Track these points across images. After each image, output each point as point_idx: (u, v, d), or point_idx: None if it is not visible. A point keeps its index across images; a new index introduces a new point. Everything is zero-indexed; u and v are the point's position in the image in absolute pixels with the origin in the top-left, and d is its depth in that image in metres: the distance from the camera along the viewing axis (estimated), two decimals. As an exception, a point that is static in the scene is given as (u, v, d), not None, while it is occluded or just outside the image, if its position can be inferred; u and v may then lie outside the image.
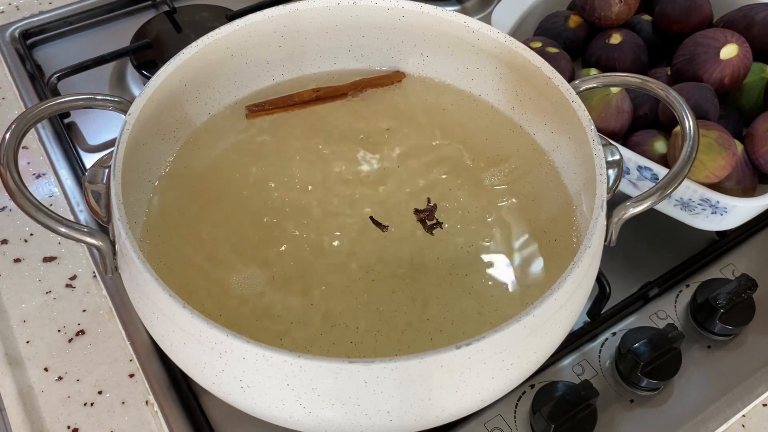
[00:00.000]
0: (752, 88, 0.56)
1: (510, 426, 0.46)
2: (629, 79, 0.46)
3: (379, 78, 0.54)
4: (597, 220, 0.39)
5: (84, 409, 0.47)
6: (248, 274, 0.44)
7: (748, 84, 0.56)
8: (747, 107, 0.56)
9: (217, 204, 0.48)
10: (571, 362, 0.49)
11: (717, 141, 0.49)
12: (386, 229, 0.46)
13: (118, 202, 0.39)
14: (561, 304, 0.37)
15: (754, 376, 0.50)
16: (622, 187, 0.53)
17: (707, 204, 0.49)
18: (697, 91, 0.53)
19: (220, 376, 0.36)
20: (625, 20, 0.60)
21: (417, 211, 0.47)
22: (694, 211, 0.51)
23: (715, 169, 0.49)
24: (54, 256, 0.55)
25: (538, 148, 0.51)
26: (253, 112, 0.52)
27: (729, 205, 0.49)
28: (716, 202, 0.49)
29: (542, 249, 0.46)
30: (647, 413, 0.47)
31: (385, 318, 0.43)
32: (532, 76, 0.48)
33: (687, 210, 0.51)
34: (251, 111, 0.52)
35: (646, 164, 0.51)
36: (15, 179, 0.39)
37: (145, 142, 0.46)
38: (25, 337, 0.51)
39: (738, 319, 0.50)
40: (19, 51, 0.70)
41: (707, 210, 0.50)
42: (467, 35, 0.50)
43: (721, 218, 0.50)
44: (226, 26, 0.49)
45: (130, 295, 0.41)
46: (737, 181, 0.51)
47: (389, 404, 0.35)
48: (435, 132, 0.52)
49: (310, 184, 0.49)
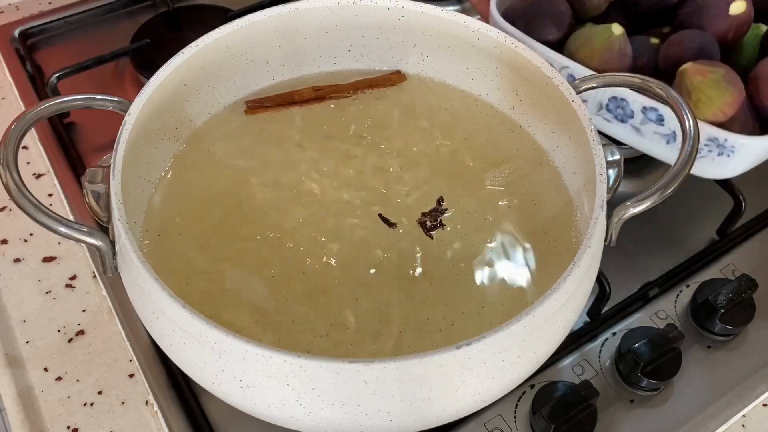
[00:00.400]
0: (748, 44, 0.56)
1: (510, 426, 0.46)
2: (629, 79, 0.46)
3: (380, 79, 0.54)
4: (597, 220, 0.39)
5: (84, 409, 0.47)
6: (248, 274, 0.44)
7: (745, 41, 0.56)
8: (742, 64, 0.56)
9: (217, 204, 0.48)
10: (571, 362, 0.49)
11: (724, 78, 0.49)
12: (394, 227, 0.46)
13: (118, 202, 0.39)
14: (561, 304, 0.37)
15: (754, 376, 0.50)
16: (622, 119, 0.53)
17: (714, 144, 0.49)
18: (701, 37, 0.53)
19: (220, 376, 0.36)
20: None
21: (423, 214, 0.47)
22: (700, 154, 0.50)
23: (723, 105, 0.48)
24: (54, 256, 0.55)
25: (538, 148, 0.51)
26: (252, 108, 0.52)
27: (737, 144, 0.48)
28: (724, 140, 0.48)
29: (542, 249, 0.46)
30: (647, 413, 0.47)
31: (385, 318, 0.42)
32: (532, 75, 0.48)
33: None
34: (250, 107, 0.52)
35: (651, 105, 0.50)
36: (15, 179, 0.39)
37: (145, 142, 0.46)
38: (25, 337, 0.51)
39: (738, 319, 0.50)
40: (18, 51, 0.70)
41: (713, 152, 0.49)
42: (467, 35, 0.50)
43: (727, 161, 0.49)
44: (226, 26, 0.49)
45: (130, 295, 0.41)
46: (741, 126, 0.51)
47: (389, 404, 0.35)
48: (435, 132, 0.52)
49: (310, 184, 0.49)
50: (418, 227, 0.47)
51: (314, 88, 0.53)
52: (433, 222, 0.47)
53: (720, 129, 0.49)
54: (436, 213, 0.47)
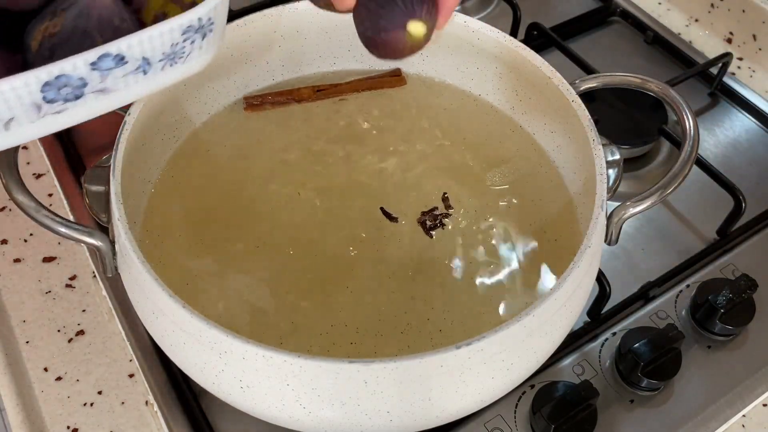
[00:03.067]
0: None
1: (510, 426, 0.46)
2: (629, 79, 0.46)
3: (380, 81, 0.54)
4: (597, 220, 0.39)
5: (84, 409, 0.47)
6: (248, 273, 0.44)
7: None
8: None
9: (217, 204, 0.48)
10: (571, 362, 0.49)
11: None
12: (396, 221, 0.46)
13: (118, 202, 0.39)
14: (561, 304, 0.37)
15: (754, 376, 0.50)
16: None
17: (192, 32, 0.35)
18: None
19: (220, 376, 0.36)
20: None
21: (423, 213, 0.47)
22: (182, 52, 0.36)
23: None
24: (54, 256, 0.55)
25: (538, 148, 0.51)
26: (251, 105, 0.52)
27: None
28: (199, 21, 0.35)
29: (542, 249, 0.46)
30: (647, 413, 0.47)
31: (385, 318, 0.43)
32: (532, 75, 0.48)
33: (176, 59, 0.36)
34: (249, 104, 0.52)
35: (98, 54, 0.33)
36: (15, 179, 0.39)
37: (145, 142, 0.46)
38: (25, 337, 0.51)
39: (738, 319, 0.50)
40: (18, 51, 0.70)
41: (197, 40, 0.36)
42: (467, 35, 0.50)
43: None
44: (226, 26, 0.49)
45: (130, 295, 0.41)
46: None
47: (389, 404, 0.35)
48: (435, 132, 0.52)
49: (310, 183, 0.49)
50: (419, 227, 0.47)
51: (314, 87, 0.53)
52: (433, 221, 0.47)
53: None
54: (436, 212, 0.47)
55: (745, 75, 0.71)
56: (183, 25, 0.35)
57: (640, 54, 0.72)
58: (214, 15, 0.36)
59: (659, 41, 0.72)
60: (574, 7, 0.76)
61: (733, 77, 0.69)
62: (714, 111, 0.67)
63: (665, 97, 0.45)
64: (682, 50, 0.71)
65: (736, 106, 0.67)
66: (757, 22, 0.70)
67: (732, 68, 0.70)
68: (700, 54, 0.72)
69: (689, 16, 0.76)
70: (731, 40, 0.73)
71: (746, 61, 0.72)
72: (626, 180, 0.61)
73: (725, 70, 0.67)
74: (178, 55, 0.36)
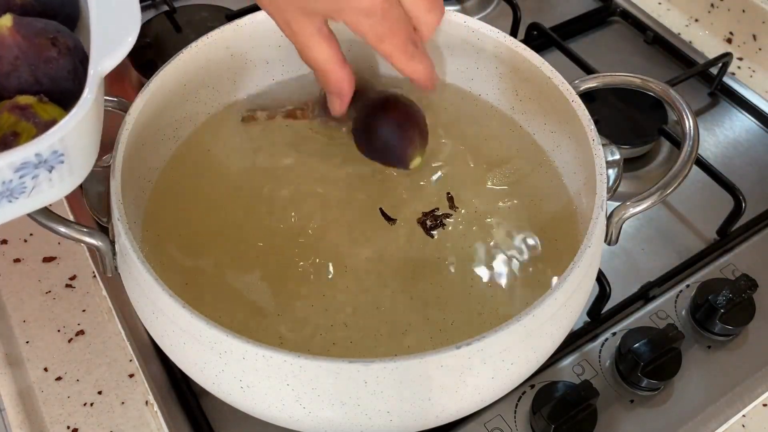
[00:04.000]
0: None
1: (510, 426, 0.46)
2: (630, 79, 0.46)
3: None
4: (597, 220, 0.39)
5: (84, 409, 0.47)
6: (248, 273, 0.44)
7: None
8: None
9: (217, 204, 0.47)
10: (571, 362, 0.49)
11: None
12: (394, 222, 0.46)
13: (117, 202, 0.39)
14: (561, 304, 0.37)
15: (754, 376, 0.50)
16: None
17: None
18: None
19: (220, 376, 0.36)
20: None
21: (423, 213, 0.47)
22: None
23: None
24: (54, 256, 0.55)
25: (538, 148, 0.51)
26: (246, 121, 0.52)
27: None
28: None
29: (542, 249, 0.46)
30: (647, 413, 0.47)
31: (385, 318, 0.42)
32: (532, 75, 0.48)
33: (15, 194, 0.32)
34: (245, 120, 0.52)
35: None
36: (15, 179, 0.39)
37: (145, 142, 0.46)
38: (24, 337, 0.51)
39: (738, 319, 0.50)
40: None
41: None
42: (467, 35, 0.50)
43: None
44: (226, 26, 0.49)
45: (130, 295, 0.41)
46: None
47: (389, 404, 0.35)
48: (435, 132, 0.52)
49: (310, 184, 0.49)
50: (419, 227, 0.47)
51: (313, 110, 0.52)
52: (433, 222, 0.47)
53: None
54: (437, 213, 0.47)
55: (745, 75, 0.71)
56: (14, 164, 0.29)
57: (640, 54, 0.72)
58: (61, 147, 0.30)
59: (659, 41, 0.72)
60: (574, 7, 0.76)
61: (733, 77, 0.69)
62: (714, 111, 0.67)
63: (665, 97, 0.45)
64: (682, 50, 0.71)
65: (736, 106, 0.67)
66: (757, 22, 0.70)
67: (732, 68, 0.70)
68: (700, 54, 0.72)
69: (689, 16, 0.76)
70: (731, 40, 0.73)
71: (746, 61, 0.72)
72: (626, 180, 0.61)
73: (725, 70, 0.67)
74: (16, 191, 0.31)
